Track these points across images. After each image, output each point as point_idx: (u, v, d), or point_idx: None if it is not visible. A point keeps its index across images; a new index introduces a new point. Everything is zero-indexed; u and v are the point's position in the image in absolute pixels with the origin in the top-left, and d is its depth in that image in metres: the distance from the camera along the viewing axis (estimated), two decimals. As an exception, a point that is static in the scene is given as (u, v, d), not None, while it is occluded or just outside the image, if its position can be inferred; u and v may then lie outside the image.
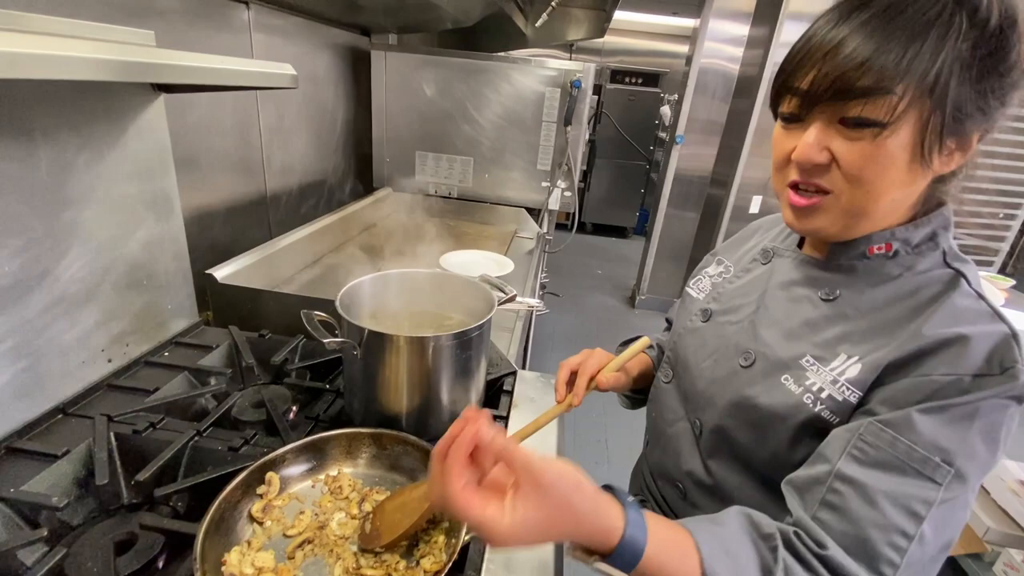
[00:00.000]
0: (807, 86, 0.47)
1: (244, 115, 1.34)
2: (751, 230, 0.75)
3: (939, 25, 0.43)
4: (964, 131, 0.46)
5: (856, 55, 0.44)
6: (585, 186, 5.26)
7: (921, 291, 0.50)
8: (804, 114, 0.49)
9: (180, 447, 0.66)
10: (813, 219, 0.52)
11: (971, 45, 0.43)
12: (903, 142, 0.45)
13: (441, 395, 0.70)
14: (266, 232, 1.48)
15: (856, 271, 0.54)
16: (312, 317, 0.66)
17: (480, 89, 1.90)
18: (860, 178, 0.47)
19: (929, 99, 0.44)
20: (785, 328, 0.56)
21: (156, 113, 0.83)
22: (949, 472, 0.43)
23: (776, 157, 0.53)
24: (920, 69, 0.43)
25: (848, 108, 0.45)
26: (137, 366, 0.84)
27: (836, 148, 0.47)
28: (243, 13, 1.27)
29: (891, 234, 0.52)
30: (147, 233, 0.84)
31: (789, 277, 0.59)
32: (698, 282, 0.73)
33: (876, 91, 0.44)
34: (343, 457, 0.67)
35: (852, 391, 0.49)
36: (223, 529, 0.55)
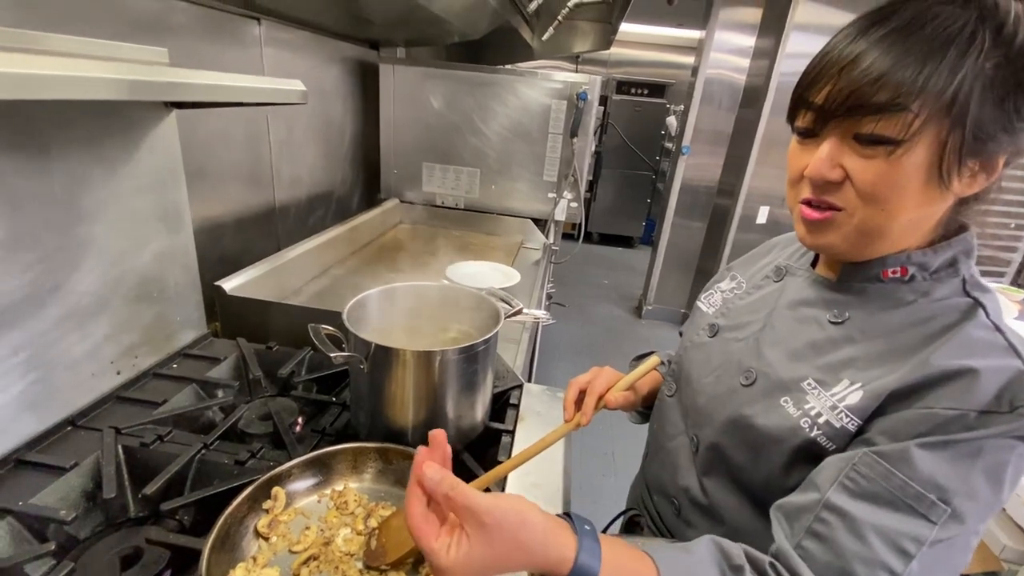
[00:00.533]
0: (822, 101, 0.47)
1: (254, 128, 1.35)
2: (768, 247, 0.74)
3: (959, 42, 0.42)
4: (987, 152, 0.45)
5: (872, 70, 0.43)
6: (591, 196, 5.27)
7: (935, 319, 0.48)
8: (819, 129, 0.48)
9: (187, 460, 0.66)
10: (825, 235, 0.51)
11: (995, 64, 0.42)
12: (919, 161, 0.44)
13: (447, 409, 0.70)
14: (274, 244, 1.49)
15: (868, 294, 0.53)
16: (319, 331, 0.66)
17: (487, 102, 1.91)
18: (874, 196, 0.46)
19: (947, 118, 0.42)
20: (789, 349, 0.55)
21: (168, 129, 0.84)
22: (945, 512, 0.42)
23: (791, 172, 0.53)
24: (938, 86, 0.42)
25: (862, 124, 0.44)
26: (146, 378, 0.85)
27: (849, 165, 0.46)
28: (254, 28, 1.29)
29: (907, 258, 0.50)
30: (158, 246, 0.85)
31: (799, 297, 0.58)
32: (710, 296, 0.72)
33: (891, 107, 0.42)
34: (349, 472, 0.67)
35: (851, 419, 0.47)
36: (229, 545, 0.55)
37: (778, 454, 0.52)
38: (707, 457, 0.60)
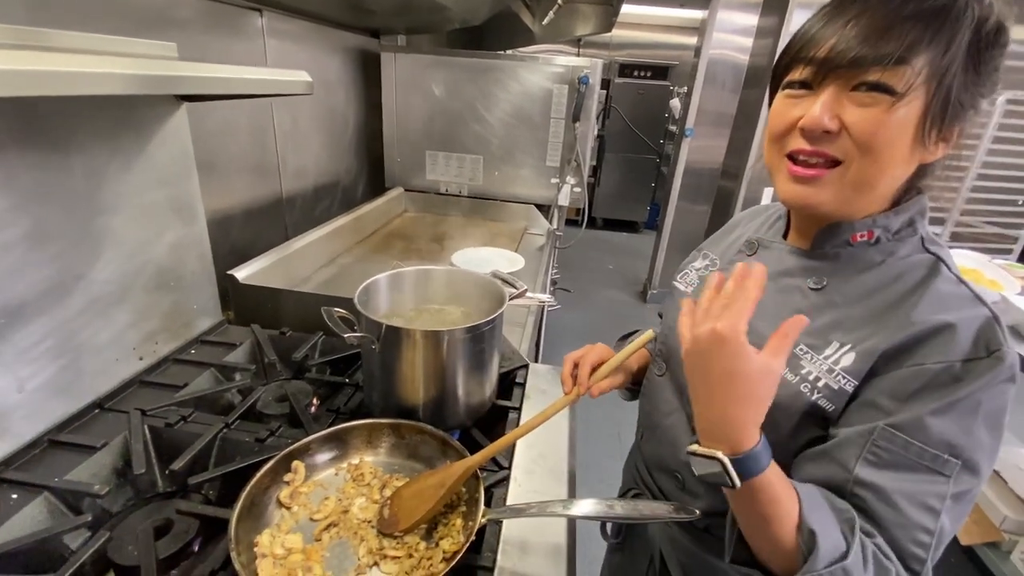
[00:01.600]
0: (825, 53, 0.47)
1: (259, 120, 1.38)
2: (733, 224, 0.75)
3: (956, 11, 0.44)
4: (955, 121, 0.48)
5: (880, 23, 0.45)
6: (595, 181, 5.25)
7: (904, 276, 0.52)
8: (817, 82, 0.49)
9: (210, 439, 0.70)
10: (816, 191, 0.51)
11: (968, 40, 0.45)
12: (911, 117, 0.46)
13: (456, 387, 0.73)
14: (282, 233, 1.52)
15: (840, 259, 0.55)
16: (332, 313, 0.69)
17: (488, 88, 1.92)
18: (870, 146, 0.47)
19: (936, 81, 0.45)
20: (776, 318, 0.54)
21: (179, 122, 0.86)
22: (957, 464, 0.45)
23: (776, 127, 0.53)
24: (938, 48, 0.44)
25: (867, 73, 0.45)
26: (166, 363, 0.88)
27: (848, 115, 0.47)
28: (256, 20, 1.30)
29: (872, 221, 0.53)
30: (173, 236, 0.88)
31: (778, 268, 0.60)
32: (684, 276, 0.73)
33: (896, 60, 0.44)
34: (364, 446, 0.70)
35: (848, 380, 0.50)
36: (254, 513, 0.59)
37: (783, 419, 0.53)
38: None
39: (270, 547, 0.55)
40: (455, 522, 0.60)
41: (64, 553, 0.56)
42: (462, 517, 0.60)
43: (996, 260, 1.89)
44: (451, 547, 0.56)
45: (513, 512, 0.59)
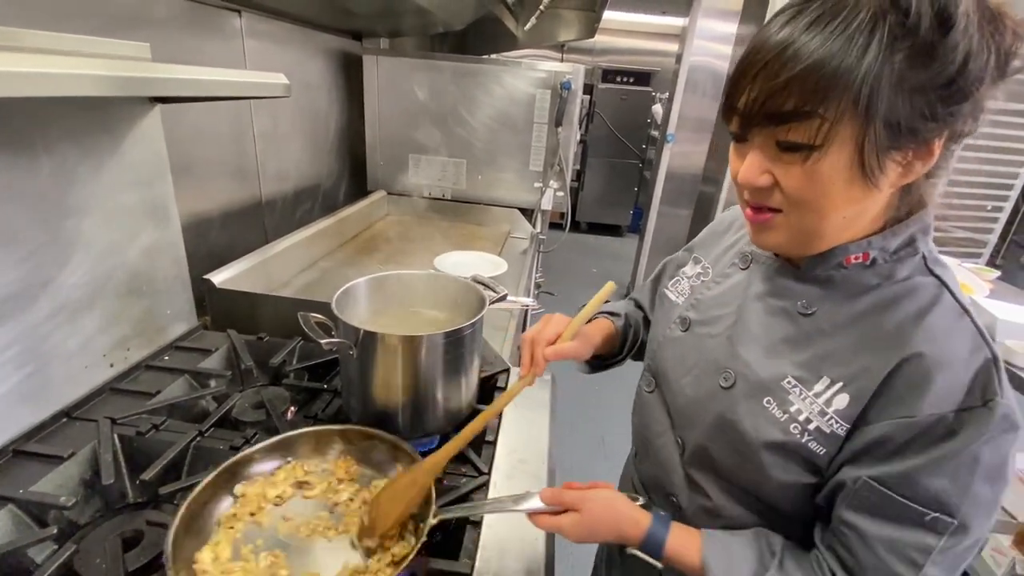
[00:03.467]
0: (743, 107, 0.46)
1: (238, 122, 1.36)
2: (725, 222, 0.72)
3: (859, 39, 0.40)
4: (915, 141, 0.43)
5: (781, 76, 0.42)
6: (579, 185, 5.29)
7: (902, 302, 0.48)
8: (745, 135, 0.48)
9: (183, 447, 0.68)
10: (769, 235, 0.51)
11: (904, 55, 0.40)
12: (838, 163, 0.43)
13: (436, 392, 0.73)
14: (262, 237, 1.50)
15: (834, 282, 0.52)
16: (309, 319, 0.68)
17: (471, 92, 1.92)
18: (800, 200, 0.46)
19: (858, 117, 0.41)
20: (764, 345, 0.55)
21: (152, 123, 0.85)
22: (951, 524, 0.43)
23: (731, 175, 0.52)
24: (843, 89, 0.41)
25: (778, 132, 0.44)
26: (139, 370, 0.86)
27: (777, 171, 0.46)
28: (235, 21, 1.29)
29: (868, 243, 0.49)
30: (146, 240, 0.86)
31: (766, 287, 0.57)
32: (676, 283, 0.70)
33: (800, 115, 0.42)
34: (312, 455, 0.68)
35: (841, 424, 0.48)
36: (194, 529, 0.56)
37: (768, 457, 0.52)
38: (695, 458, 0.60)
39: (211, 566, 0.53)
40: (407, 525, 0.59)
41: (29, 567, 0.55)
42: (411, 519, 0.60)
43: (966, 264, 1.95)
44: (401, 551, 0.55)
45: (464, 509, 0.59)
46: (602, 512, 0.55)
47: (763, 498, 0.55)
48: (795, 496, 0.53)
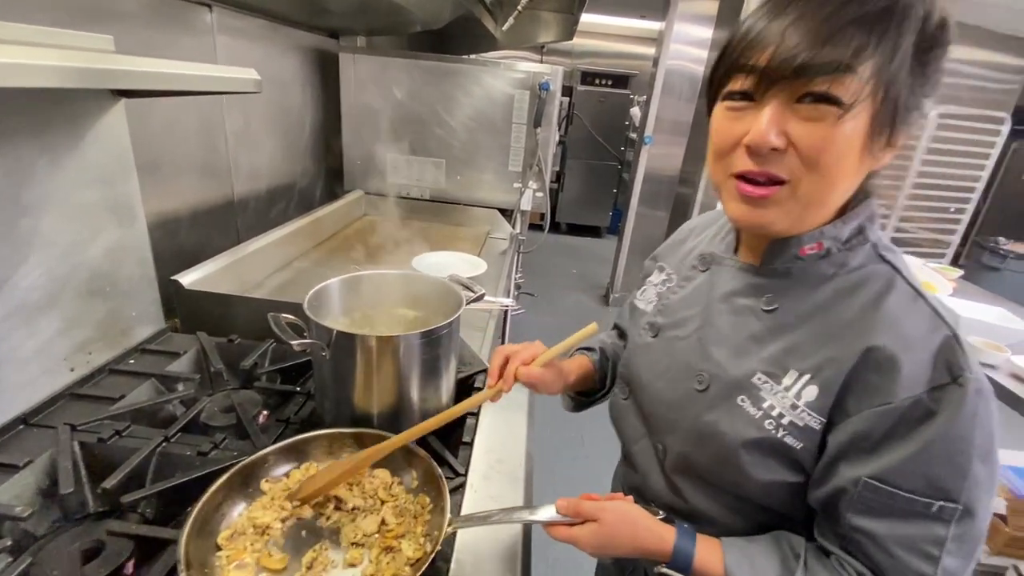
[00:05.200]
0: (765, 62, 0.44)
1: (209, 119, 1.32)
2: (686, 231, 0.72)
3: (898, 15, 0.42)
4: (901, 125, 0.45)
5: (823, 31, 0.41)
6: (559, 187, 5.31)
7: (858, 290, 0.49)
8: (760, 93, 0.45)
9: (147, 454, 0.66)
10: (766, 211, 0.48)
11: (916, 40, 0.43)
12: (859, 128, 0.43)
13: (411, 393, 0.72)
14: (234, 237, 1.46)
15: (792, 275, 0.52)
16: (280, 320, 0.67)
17: (450, 91, 1.91)
18: (818, 163, 0.44)
19: (883, 87, 0.42)
20: (733, 344, 0.55)
21: (116, 118, 0.82)
22: (956, 509, 0.43)
23: (720, 143, 0.49)
24: (886, 52, 0.41)
25: (812, 84, 0.42)
26: (101, 374, 0.83)
27: (793, 131, 0.44)
28: (206, 16, 1.25)
29: (820, 233, 0.50)
30: (109, 239, 0.83)
31: (730, 287, 0.58)
32: (644, 292, 0.70)
33: (842, 68, 0.41)
34: (325, 457, 0.68)
35: (813, 416, 0.48)
36: (206, 532, 0.56)
37: (747, 456, 0.52)
38: (676, 464, 0.60)
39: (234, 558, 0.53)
40: (416, 530, 0.58)
41: (-21, 582, 0.52)
42: (426, 525, 0.59)
43: (930, 264, 2.01)
44: (415, 553, 0.55)
45: (479, 520, 0.58)
46: (620, 524, 0.53)
47: (748, 500, 0.55)
48: (781, 496, 0.53)
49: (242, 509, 0.60)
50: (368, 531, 0.57)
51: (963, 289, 1.99)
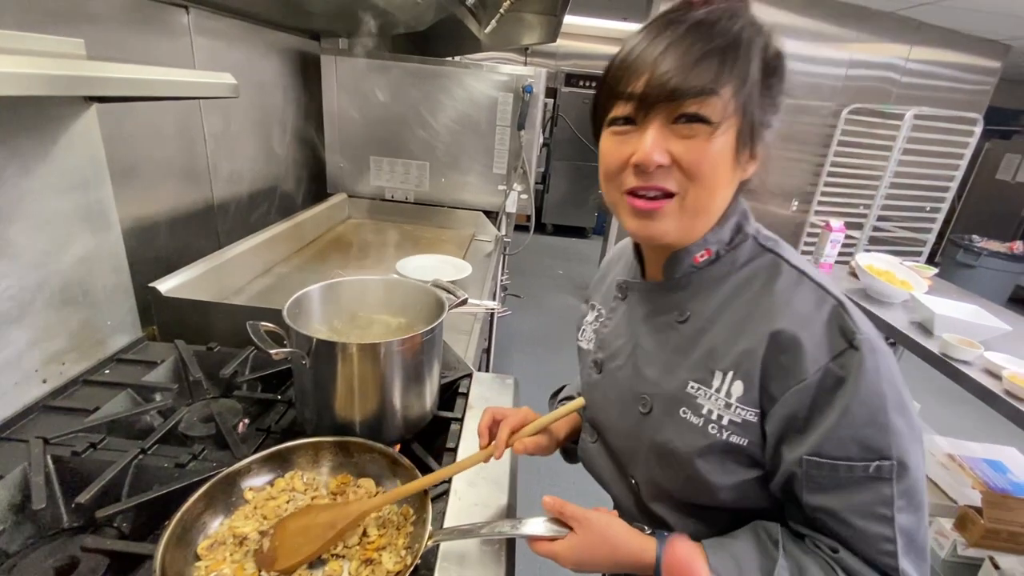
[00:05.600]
0: (642, 89, 0.49)
1: (187, 122, 1.30)
2: (606, 264, 0.76)
3: (745, 43, 0.48)
4: (758, 140, 0.51)
5: (687, 58, 0.47)
6: (544, 188, 5.32)
7: (751, 283, 0.54)
8: (641, 117, 0.50)
9: (123, 466, 0.65)
10: (657, 223, 0.52)
11: (761, 67, 0.49)
12: (728, 142, 0.49)
13: (394, 401, 0.71)
14: (214, 242, 1.44)
15: (693, 285, 0.56)
16: (258, 328, 0.66)
17: (433, 94, 1.91)
18: (699, 174, 0.49)
19: (741, 107, 0.48)
20: (662, 362, 0.58)
21: (88, 124, 0.80)
22: (892, 465, 0.46)
23: (609, 166, 0.54)
24: (740, 77, 0.48)
25: (684, 106, 0.48)
26: (75, 386, 0.81)
27: (674, 148, 0.49)
28: (182, 17, 1.24)
29: (705, 241, 0.54)
30: (82, 248, 0.81)
31: (646, 309, 0.61)
32: (583, 333, 0.72)
33: (707, 91, 0.47)
34: (309, 466, 0.67)
35: (747, 410, 0.51)
36: (185, 542, 0.55)
37: (704, 464, 0.53)
38: (650, 493, 0.61)
39: None
40: (398, 542, 0.58)
41: (-53, 603, 0.51)
42: (408, 537, 0.59)
43: (906, 262, 2.06)
44: (395, 567, 0.54)
45: (461, 533, 0.58)
46: (599, 537, 0.54)
47: (725, 510, 0.56)
48: (753, 494, 0.54)
49: (223, 519, 0.59)
50: (349, 543, 0.56)
51: (938, 287, 2.04)
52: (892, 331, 1.70)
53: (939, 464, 1.76)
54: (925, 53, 3.40)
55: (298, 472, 0.65)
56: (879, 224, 3.40)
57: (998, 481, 1.66)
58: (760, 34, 0.50)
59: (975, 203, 5.21)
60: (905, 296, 1.83)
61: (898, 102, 3.40)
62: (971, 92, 3.59)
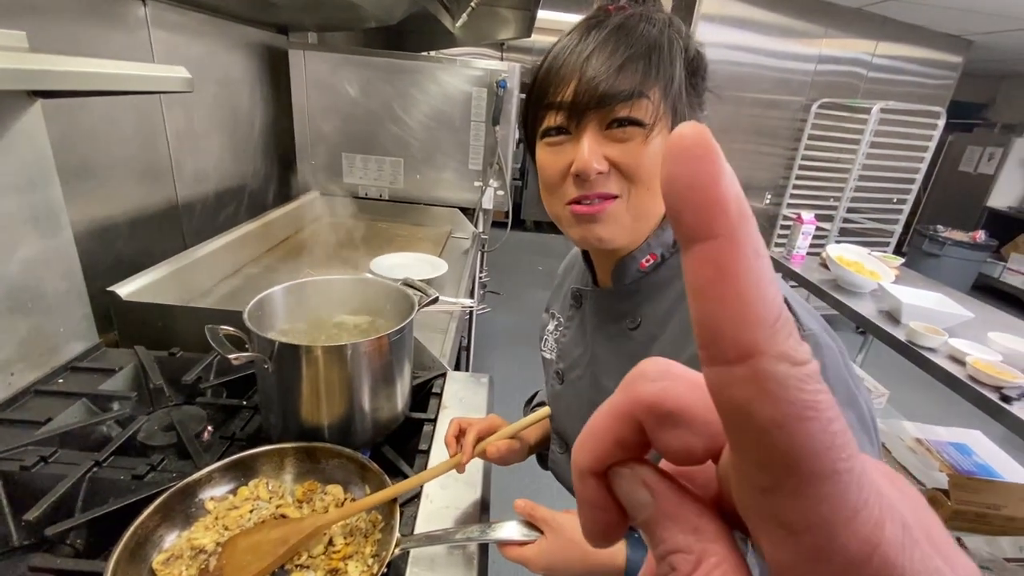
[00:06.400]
0: (571, 97, 0.48)
1: (147, 119, 1.25)
2: (561, 272, 0.75)
3: (665, 45, 0.48)
4: None
5: (612, 63, 0.47)
6: (523, 184, 5.31)
7: None
8: (574, 126, 0.50)
9: (76, 480, 0.61)
10: (603, 226, 0.51)
11: (685, 66, 0.50)
12: (662, 143, 0.48)
13: (363, 403, 0.70)
14: (180, 244, 1.40)
15: (643, 290, 0.56)
16: (217, 332, 0.63)
17: (406, 89, 1.87)
18: (639, 177, 0.49)
19: (671, 108, 0.49)
20: (618, 370, 0.57)
21: (32, 121, 0.76)
22: None
23: (549, 178, 0.53)
24: (666, 78, 0.48)
25: (616, 111, 0.48)
26: (25, 396, 0.77)
27: (611, 153, 0.49)
28: (138, 9, 1.18)
29: (648, 245, 0.54)
30: (29, 251, 0.77)
31: (599, 317, 0.60)
32: (545, 343, 0.72)
33: (636, 94, 0.47)
34: (273, 473, 0.65)
35: None
36: (139, 558, 0.52)
37: None
38: None
39: None
40: (365, 550, 0.56)
41: None
42: (376, 544, 0.57)
43: (874, 253, 2.10)
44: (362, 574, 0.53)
45: (429, 540, 0.56)
46: (569, 541, 0.53)
47: None
48: None
49: (181, 532, 0.57)
50: (314, 552, 0.54)
51: (905, 276, 2.09)
52: (861, 320, 1.73)
53: (907, 448, 1.81)
54: (890, 49, 3.48)
55: (263, 480, 0.63)
56: (849, 216, 3.48)
57: (964, 464, 1.72)
58: (680, 35, 0.50)
59: (939, 194, 5.37)
60: (874, 286, 1.87)
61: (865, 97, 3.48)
62: (935, 87, 3.69)
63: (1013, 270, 4.65)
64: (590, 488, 0.15)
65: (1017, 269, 4.61)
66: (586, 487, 0.15)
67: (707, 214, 0.11)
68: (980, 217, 4.94)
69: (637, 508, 0.14)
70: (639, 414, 0.14)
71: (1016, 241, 4.73)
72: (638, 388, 0.14)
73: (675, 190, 0.11)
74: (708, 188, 0.11)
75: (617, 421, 0.14)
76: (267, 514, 0.59)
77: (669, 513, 0.13)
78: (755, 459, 0.11)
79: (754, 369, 0.10)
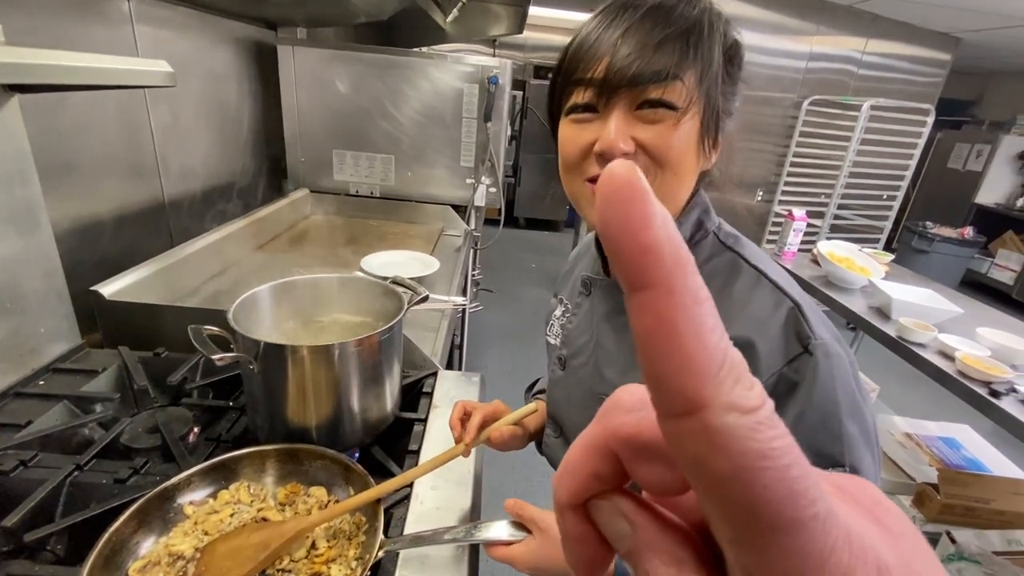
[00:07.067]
0: (602, 74, 0.46)
1: (131, 115, 1.23)
2: (573, 258, 0.74)
3: (704, 28, 0.46)
4: (721, 128, 0.50)
5: (648, 42, 0.45)
6: (516, 181, 5.30)
7: (711, 283, 0.51)
8: (602, 104, 0.48)
9: (56, 485, 0.60)
10: None
11: (723, 52, 0.48)
12: (694, 128, 0.48)
13: (351, 404, 0.68)
14: (166, 242, 1.37)
15: None
16: (201, 332, 0.62)
17: (397, 85, 1.86)
18: (667, 159, 0.47)
19: (705, 93, 0.47)
20: (621, 363, 0.56)
21: (10, 116, 0.74)
22: (845, 472, 0.44)
23: (570, 154, 0.51)
24: (703, 62, 0.46)
25: (648, 91, 0.46)
26: (5, 399, 0.75)
27: (639, 135, 0.47)
28: (122, 4, 1.16)
29: None
30: (7, 250, 0.75)
31: (607, 307, 0.59)
32: (551, 328, 0.71)
33: (670, 76, 0.45)
34: (255, 476, 0.64)
35: None
36: (113, 565, 0.51)
37: None
38: None
39: None
40: (349, 553, 0.55)
41: None
42: (360, 547, 0.56)
43: (865, 249, 2.12)
44: None
45: (413, 541, 0.55)
46: (555, 541, 0.51)
47: None
48: None
49: (158, 538, 0.55)
50: (296, 556, 0.53)
51: (895, 272, 2.10)
52: (852, 316, 1.74)
53: (897, 443, 1.83)
54: (880, 46, 3.50)
55: (244, 483, 0.62)
56: (839, 212, 3.50)
57: (953, 458, 1.73)
58: (720, 20, 0.48)
59: (928, 191, 5.42)
60: (864, 282, 1.88)
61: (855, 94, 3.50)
62: (924, 84, 3.72)
63: (1001, 266, 4.70)
64: (570, 522, 0.14)
65: (1004, 265, 4.67)
66: (567, 521, 0.14)
67: (641, 262, 0.11)
68: (968, 213, 4.99)
69: (618, 540, 0.14)
70: (615, 447, 0.13)
71: (1003, 237, 4.78)
72: (614, 420, 0.14)
73: (609, 235, 0.11)
74: (639, 233, 0.11)
75: (593, 454, 0.14)
76: (248, 518, 0.57)
77: (650, 544, 0.13)
78: (717, 512, 0.10)
79: (702, 422, 0.10)
